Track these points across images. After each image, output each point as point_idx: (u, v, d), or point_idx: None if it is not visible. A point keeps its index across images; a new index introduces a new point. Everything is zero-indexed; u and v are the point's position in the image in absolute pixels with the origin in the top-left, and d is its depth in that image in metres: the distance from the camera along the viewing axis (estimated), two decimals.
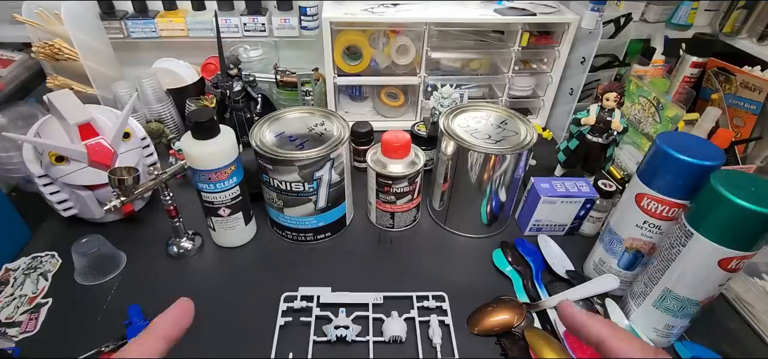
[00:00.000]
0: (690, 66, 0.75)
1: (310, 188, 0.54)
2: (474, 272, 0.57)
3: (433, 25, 0.76)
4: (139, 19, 0.81)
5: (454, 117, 0.59)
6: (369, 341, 0.47)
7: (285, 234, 0.60)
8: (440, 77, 0.81)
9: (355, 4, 0.78)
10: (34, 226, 0.61)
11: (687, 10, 0.82)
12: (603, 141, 0.65)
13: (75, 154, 0.53)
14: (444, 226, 0.64)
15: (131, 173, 0.49)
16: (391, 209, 0.61)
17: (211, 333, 0.48)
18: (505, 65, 0.84)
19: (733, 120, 0.72)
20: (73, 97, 0.56)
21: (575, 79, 0.78)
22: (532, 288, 0.54)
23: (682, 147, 0.43)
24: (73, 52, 0.70)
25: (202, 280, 0.56)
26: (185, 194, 0.67)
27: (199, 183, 0.52)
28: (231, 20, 0.82)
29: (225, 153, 0.51)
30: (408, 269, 0.57)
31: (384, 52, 0.82)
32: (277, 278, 0.55)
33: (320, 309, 0.50)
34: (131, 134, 0.60)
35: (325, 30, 0.73)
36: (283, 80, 0.84)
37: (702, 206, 0.40)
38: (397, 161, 0.58)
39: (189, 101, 0.78)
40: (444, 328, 0.49)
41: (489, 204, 0.59)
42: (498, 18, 0.76)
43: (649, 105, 0.71)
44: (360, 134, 0.71)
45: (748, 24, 0.79)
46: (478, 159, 0.54)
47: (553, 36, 0.81)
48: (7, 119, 0.64)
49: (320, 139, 0.54)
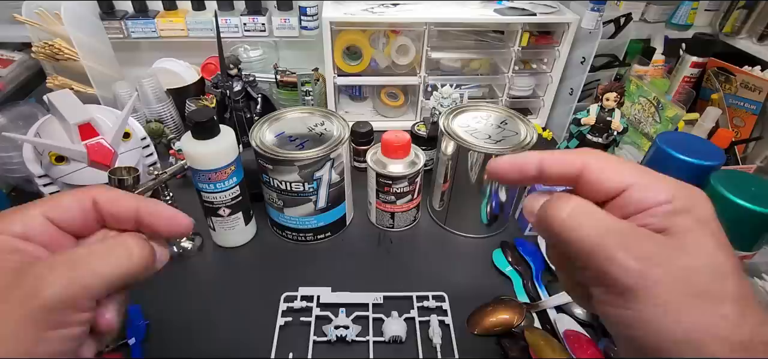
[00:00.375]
0: (690, 66, 0.75)
1: (310, 188, 0.54)
2: (474, 272, 0.57)
3: (433, 25, 0.76)
4: (139, 19, 0.81)
5: (454, 117, 0.59)
6: (369, 341, 0.47)
7: (285, 234, 0.60)
8: (440, 77, 0.81)
9: (355, 4, 0.78)
10: None
11: (687, 10, 0.82)
12: (603, 141, 0.65)
13: (75, 154, 0.53)
14: (444, 226, 0.64)
15: (131, 173, 0.49)
16: (391, 209, 0.61)
17: (211, 333, 0.48)
18: (505, 65, 0.84)
19: (733, 120, 0.72)
20: (73, 97, 0.56)
21: (575, 79, 0.78)
22: (532, 288, 0.54)
23: (682, 147, 0.43)
24: (73, 52, 0.70)
25: (202, 280, 0.56)
26: (185, 194, 0.67)
27: (199, 183, 0.52)
28: (231, 20, 0.82)
29: (225, 153, 0.51)
30: (408, 269, 0.57)
31: (384, 52, 0.82)
32: (277, 278, 0.55)
33: (320, 309, 0.50)
34: (131, 134, 0.60)
35: (325, 30, 0.73)
36: (283, 80, 0.84)
37: None
38: (397, 161, 0.58)
39: (189, 101, 0.78)
40: (444, 328, 0.49)
41: (489, 204, 0.59)
42: (498, 18, 0.76)
43: (649, 105, 0.71)
44: (360, 134, 0.71)
45: (748, 24, 0.79)
46: (478, 159, 0.54)
47: (553, 36, 0.81)
48: (7, 119, 0.64)
49: (320, 139, 0.54)
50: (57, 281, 0.19)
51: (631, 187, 0.20)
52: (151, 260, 0.23)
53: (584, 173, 0.22)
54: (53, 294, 0.19)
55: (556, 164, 0.23)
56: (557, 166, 0.23)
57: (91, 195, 0.23)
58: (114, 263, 0.21)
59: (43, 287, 0.19)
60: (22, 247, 0.20)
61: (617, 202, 0.21)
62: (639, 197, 0.20)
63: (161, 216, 0.24)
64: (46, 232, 0.21)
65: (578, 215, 0.21)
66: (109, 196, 0.23)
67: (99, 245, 0.22)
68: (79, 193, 0.23)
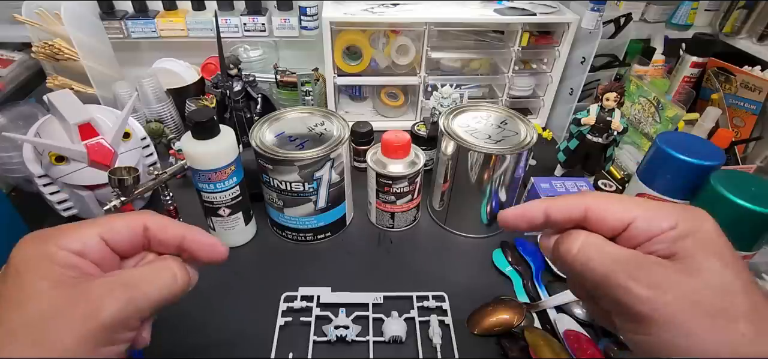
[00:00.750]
0: (690, 66, 0.75)
1: (310, 188, 0.54)
2: (474, 272, 0.57)
3: (433, 25, 0.76)
4: (139, 19, 0.81)
5: (454, 117, 0.59)
6: (369, 341, 0.47)
7: (285, 234, 0.60)
8: (440, 77, 0.81)
9: (355, 4, 0.78)
10: (34, 226, 0.61)
11: (687, 10, 0.82)
12: (603, 141, 0.65)
13: (75, 154, 0.53)
14: (444, 226, 0.64)
15: (131, 173, 0.49)
16: (391, 209, 0.61)
17: (212, 333, 0.48)
18: (505, 65, 0.84)
19: (733, 120, 0.72)
20: (73, 97, 0.56)
21: (575, 79, 0.78)
22: (532, 288, 0.54)
23: (682, 147, 0.43)
24: (73, 52, 0.70)
25: (201, 280, 0.55)
26: (185, 194, 0.67)
27: (199, 183, 0.52)
28: (231, 20, 0.82)
29: (225, 153, 0.51)
30: (408, 269, 0.57)
31: (384, 52, 0.82)
32: (277, 278, 0.55)
33: (320, 309, 0.50)
34: (131, 134, 0.60)
35: (325, 30, 0.73)
36: (283, 80, 0.84)
37: (702, 206, 0.40)
38: (397, 161, 0.58)
39: (189, 101, 0.78)
40: (444, 328, 0.49)
41: (489, 204, 0.59)
42: (498, 18, 0.76)
43: (649, 105, 0.71)
44: (360, 134, 0.71)
45: (748, 24, 0.79)
46: (478, 159, 0.54)
47: (553, 36, 0.81)
48: (7, 119, 0.64)
49: (320, 139, 0.54)
50: (114, 303, 0.20)
51: (635, 219, 0.21)
52: (188, 284, 0.25)
53: (588, 215, 0.23)
54: (111, 315, 0.20)
55: (560, 211, 0.24)
56: (561, 212, 0.24)
57: (142, 221, 0.25)
58: (162, 286, 0.23)
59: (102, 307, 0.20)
60: (78, 263, 0.22)
61: (624, 235, 0.22)
62: (644, 228, 0.21)
63: (203, 244, 0.26)
64: (99, 251, 0.23)
65: (587, 249, 0.22)
66: (160, 223, 0.25)
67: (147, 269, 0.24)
68: (132, 218, 0.24)
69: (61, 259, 0.21)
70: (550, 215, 0.24)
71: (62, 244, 0.21)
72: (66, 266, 0.21)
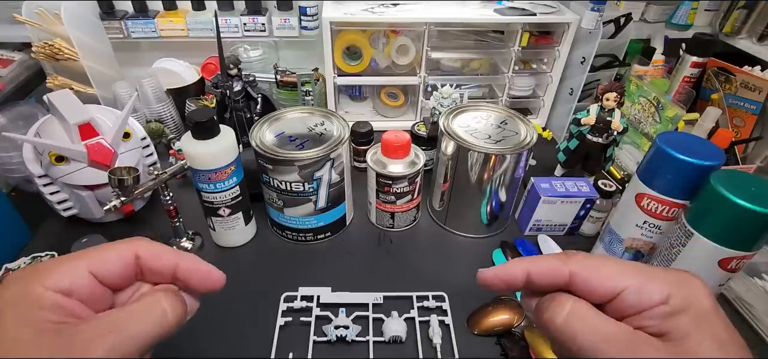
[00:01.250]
0: (690, 66, 0.75)
1: (310, 188, 0.54)
2: (474, 272, 0.56)
3: (433, 25, 0.76)
4: (139, 19, 0.81)
5: (454, 117, 0.59)
6: (369, 341, 0.47)
7: (285, 234, 0.60)
8: (440, 77, 0.81)
9: (355, 4, 0.78)
10: (34, 226, 0.61)
11: (687, 10, 0.82)
12: (603, 141, 0.65)
13: (75, 154, 0.53)
14: (444, 226, 0.64)
15: (131, 173, 0.49)
16: (391, 209, 0.61)
17: (212, 333, 0.48)
18: (505, 65, 0.84)
19: (733, 120, 0.72)
20: (73, 97, 0.56)
21: (575, 79, 0.78)
22: None
23: (682, 147, 0.43)
24: (73, 52, 0.70)
25: None
26: (185, 194, 0.67)
27: (199, 183, 0.52)
28: (231, 20, 0.82)
29: (225, 153, 0.51)
30: (408, 269, 0.57)
31: (384, 52, 0.82)
32: (277, 278, 0.55)
33: (320, 309, 0.50)
34: (131, 134, 0.60)
35: (325, 30, 0.73)
36: (283, 80, 0.84)
37: (702, 206, 0.40)
38: (397, 161, 0.58)
39: (189, 101, 0.78)
40: (444, 328, 0.49)
41: (489, 204, 0.59)
42: (498, 18, 0.76)
43: (649, 105, 0.71)
44: (360, 134, 0.71)
45: (748, 24, 0.79)
46: (478, 159, 0.54)
47: (553, 36, 0.81)
48: (7, 119, 0.64)
49: (320, 139, 0.54)
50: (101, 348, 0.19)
51: (625, 290, 0.20)
52: (183, 316, 0.24)
53: (574, 280, 0.22)
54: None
55: (542, 276, 0.23)
56: (544, 277, 0.23)
57: (134, 249, 0.23)
58: (151, 324, 0.22)
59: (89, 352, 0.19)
60: (65, 304, 0.21)
61: (612, 305, 0.21)
62: (634, 301, 0.20)
63: (197, 272, 0.25)
64: (88, 286, 0.22)
65: (574, 322, 0.20)
66: (152, 251, 0.24)
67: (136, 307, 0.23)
68: (123, 247, 0.23)
69: (47, 302, 0.20)
70: (532, 279, 0.23)
71: (49, 283, 0.20)
72: (52, 308, 0.20)
